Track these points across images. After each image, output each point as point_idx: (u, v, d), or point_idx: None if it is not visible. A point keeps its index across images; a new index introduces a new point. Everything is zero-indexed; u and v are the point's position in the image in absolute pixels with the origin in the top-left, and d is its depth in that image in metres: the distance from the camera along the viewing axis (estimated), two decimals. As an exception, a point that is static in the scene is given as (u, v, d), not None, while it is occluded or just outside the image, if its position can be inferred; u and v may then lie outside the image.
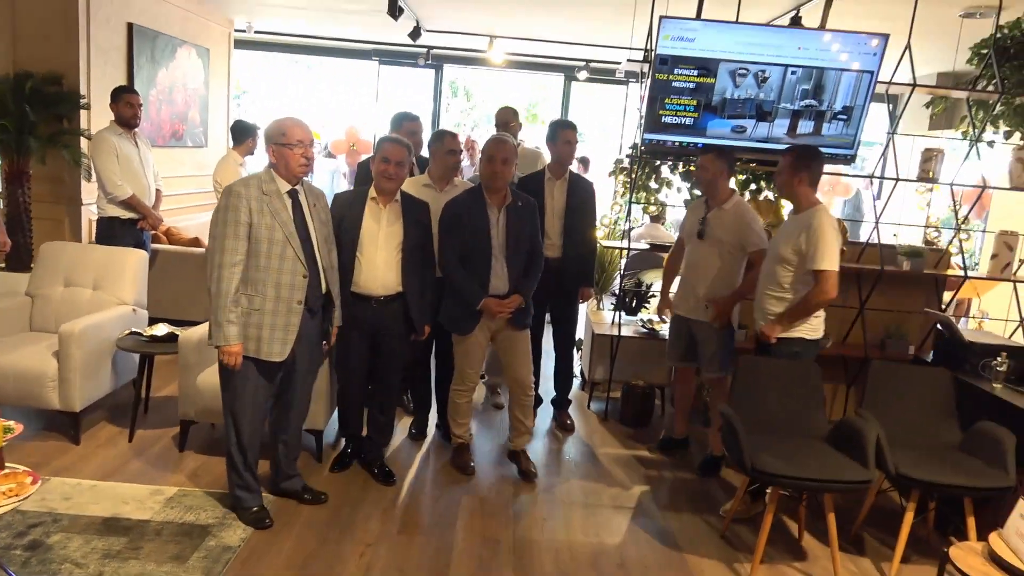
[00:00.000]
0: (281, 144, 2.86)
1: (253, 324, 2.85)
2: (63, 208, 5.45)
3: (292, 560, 2.82)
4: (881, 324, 4.59)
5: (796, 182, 3.29)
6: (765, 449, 2.97)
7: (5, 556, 2.64)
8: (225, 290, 2.79)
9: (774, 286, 3.34)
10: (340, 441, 3.80)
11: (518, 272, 3.49)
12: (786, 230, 3.36)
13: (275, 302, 2.86)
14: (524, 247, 3.50)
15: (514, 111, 4.69)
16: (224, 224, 2.79)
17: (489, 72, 10.62)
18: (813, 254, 3.16)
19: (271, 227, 2.83)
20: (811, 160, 3.29)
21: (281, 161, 2.87)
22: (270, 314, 2.86)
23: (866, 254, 4.54)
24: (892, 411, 3.32)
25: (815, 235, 3.16)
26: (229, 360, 2.84)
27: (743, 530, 3.34)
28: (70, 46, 5.27)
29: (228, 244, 2.79)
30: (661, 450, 4.18)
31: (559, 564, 2.96)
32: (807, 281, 3.24)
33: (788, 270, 3.28)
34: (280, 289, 2.86)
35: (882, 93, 4.42)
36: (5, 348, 3.65)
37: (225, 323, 2.79)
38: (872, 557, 3.22)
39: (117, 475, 3.36)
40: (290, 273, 2.87)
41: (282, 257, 2.85)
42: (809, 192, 3.31)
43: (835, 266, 3.17)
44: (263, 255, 2.83)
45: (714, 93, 4.08)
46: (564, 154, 4.07)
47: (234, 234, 2.79)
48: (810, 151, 3.37)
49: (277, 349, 2.89)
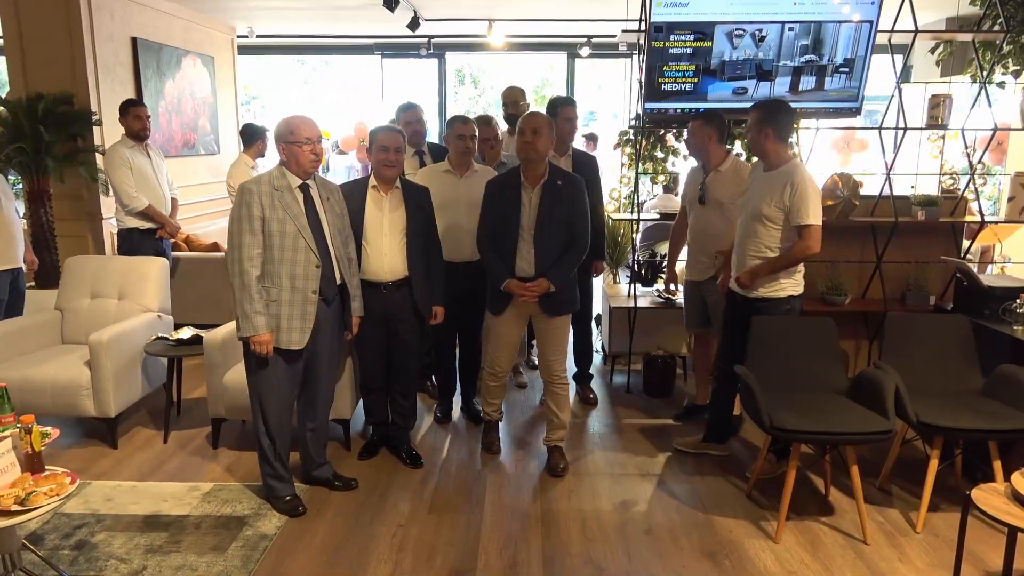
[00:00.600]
0: (290, 142, 2.94)
1: (272, 315, 2.95)
2: (84, 224, 5.59)
3: (327, 544, 2.91)
4: (900, 277, 4.55)
5: (763, 137, 3.23)
6: (784, 407, 2.99)
7: (54, 556, 2.76)
8: (248, 283, 2.89)
9: (756, 244, 3.30)
10: (367, 429, 3.89)
11: (551, 255, 3.34)
12: (762, 187, 3.29)
13: (291, 292, 2.95)
14: (560, 229, 3.33)
15: (521, 91, 4.67)
16: (239, 221, 2.91)
17: (494, 57, 10.63)
18: (798, 209, 3.13)
19: (283, 221, 2.92)
20: (776, 113, 3.22)
21: (292, 159, 2.96)
22: (287, 304, 2.95)
23: (879, 207, 4.50)
24: (911, 361, 3.31)
25: (798, 190, 3.13)
26: (260, 349, 2.93)
27: (769, 489, 3.36)
28: (77, 65, 5.39)
29: (245, 239, 2.90)
30: (685, 417, 4.20)
31: (587, 532, 3.01)
32: (791, 237, 3.23)
33: (771, 227, 3.24)
34: (295, 280, 2.95)
35: (886, 44, 4.36)
36: (40, 361, 3.78)
37: (252, 314, 2.90)
38: (900, 507, 3.22)
39: (155, 475, 3.48)
40: (303, 264, 2.96)
41: (294, 249, 2.94)
42: (779, 147, 3.25)
43: (819, 220, 3.15)
44: (276, 248, 2.92)
45: (712, 56, 4.06)
46: (564, 131, 4.01)
47: (249, 229, 2.90)
48: (775, 104, 3.29)
49: (296, 337, 2.98)
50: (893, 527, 3.07)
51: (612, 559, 2.83)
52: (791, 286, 3.33)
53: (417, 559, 2.82)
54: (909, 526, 3.07)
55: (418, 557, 2.83)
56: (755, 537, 2.98)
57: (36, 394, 3.63)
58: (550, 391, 3.57)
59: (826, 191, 4.36)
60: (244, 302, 2.90)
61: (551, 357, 3.52)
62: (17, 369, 3.68)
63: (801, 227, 3.15)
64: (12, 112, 5.13)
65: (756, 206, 3.29)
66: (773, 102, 3.35)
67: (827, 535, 3.00)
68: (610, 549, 2.89)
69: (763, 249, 3.29)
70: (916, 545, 2.93)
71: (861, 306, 4.49)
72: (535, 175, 3.33)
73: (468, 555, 2.84)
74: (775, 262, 3.25)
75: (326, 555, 2.83)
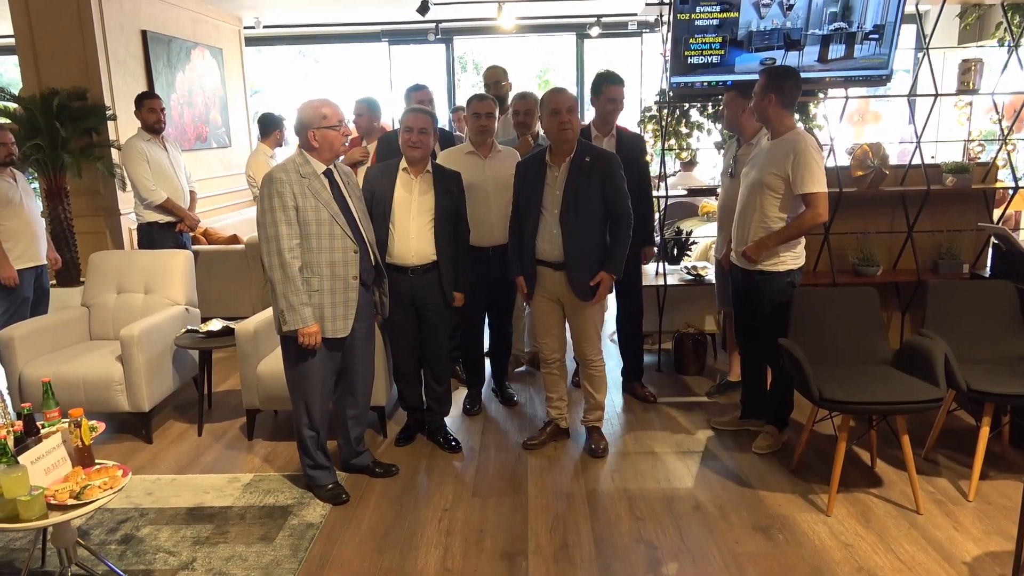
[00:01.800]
0: (324, 127, 2.87)
1: (315, 304, 2.89)
2: (103, 219, 5.55)
3: (374, 530, 2.88)
4: (932, 246, 4.49)
5: (766, 103, 3.15)
6: (831, 378, 2.94)
7: (102, 551, 2.73)
8: (292, 275, 2.82)
9: (759, 216, 3.22)
10: (403, 415, 3.86)
11: (582, 238, 3.20)
12: (765, 156, 3.22)
13: (332, 280, 2.90)
14: (590, 209, 3.19)
15: (503, 70, 4.55)
16: (273, 211, 2.81)
17: (498, 42, 10.51)
18: (803, 178, 3.05)
19: (316, 208, 2.86)
20: (781, 80, 3.14)
21: (326, 144, 2.89)
22: (328, 292, 2.90)
23: (909, 176, 4.43)
24: (956, 329, 3.26)
25: (801, 158, 3.05)
26: (309, 340, 2.86)
27: (813, 463, 3.32)
28: (90, 59, 5.33)
29: (283, 230, 2.81)
30: (719, 394, 4.16)
31: (634, 511, 2.98)
32: (792, 207, 3.16)
33: (775, 197, 3.16)
34: (335, 267, 2.90)
35: (909, 15, 4.28)
36: (70, 358, 3.75)
37: (299, 306, 2.83)
38: (948, 477, 3.18)
39: (193, 468, 3.46)
40: (341, 251, 2.91)
41: (331, 236, 2.88)
42: (784, 115, 3.17)
43: (824, 188, 3.08)
44: (313, 236, 2.86)
45: (739, 27, 3.98)
46: (608, 111, 3.77)
47: (286, 220, 2.82)
48: (781, 71, 3.21)
49: (341, 325, 2.95)
50: (944, 496, 3.03)
51: (664, 537, 2.79)
52: (791, 259, 3.26)
53: (467, 542, 2.79)
54: (960, 495, 3.03)
55: (467, 540, 2.80)
56: (806, 511, 2.95)
57: (70, 390, 3.60)
58: (585, 373, 3.52)
59: (856, 161, 4.29)
60: (289, 294, 2.82)
61: (584, 343, 3.43)
62: (48, 366, 3.66)
63: (807, 195, 3.08)
64: (27, 109, 5.08)
65: (758, 176, 3.21)
66: (779, 68, 3.28)
67: (878, 506, 2.97)
68: (660, 527, 2.86)
69: (765, 220, 3.21)
70: (970, 513, 2.90)
71: (893, 276, 4.43)
72: (562, 153, 3.25)
73: (518, 537, 2.81)
74: (783, 232, 3.17)
75: (375, 541, 2.81)
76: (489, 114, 3.74)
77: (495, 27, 8.60)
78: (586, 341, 3.43)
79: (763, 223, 3.22)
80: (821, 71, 4.10)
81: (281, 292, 2.83)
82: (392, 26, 9.13)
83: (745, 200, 3.31)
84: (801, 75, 3.70)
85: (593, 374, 3.49)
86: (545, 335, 3.51)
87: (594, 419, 3.56)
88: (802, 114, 4.63)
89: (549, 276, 3.35)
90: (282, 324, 2.87)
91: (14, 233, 4.18)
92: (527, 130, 4.07)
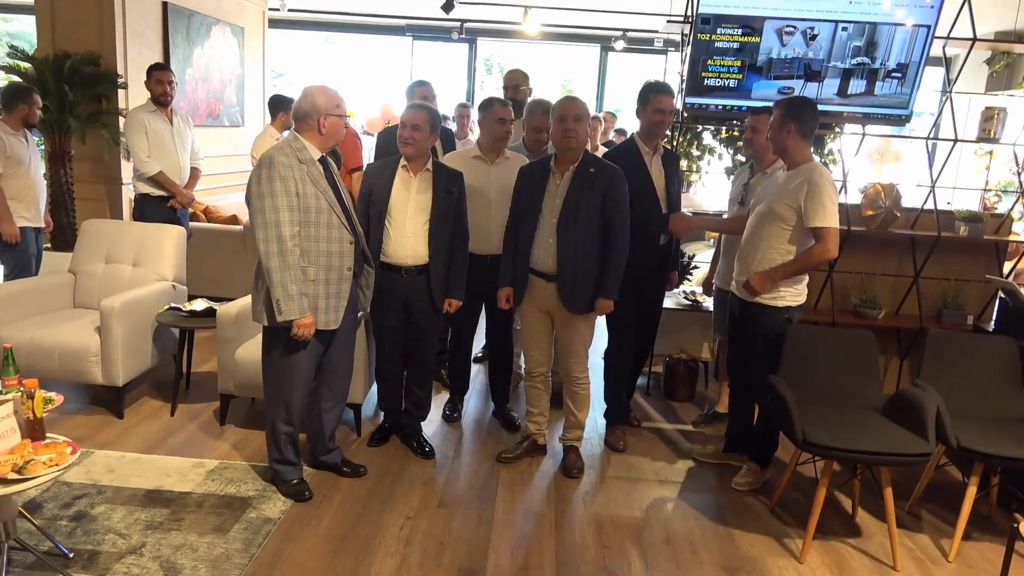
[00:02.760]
0: (334, 114, 2.81)
1: (309, 295, 2.79)
2: (103, 187, 5.51)
3: (332, 531, 2.80)
4: (937, 293, 4.39)
5: (785, 134, 3.05)
6: (817, 421, 2.85)
7: (52, 527, 2.66)
8: (292, 263, 2.70)
9: (765, 246, 3.12)
10: (379, 415, 3.78)
11: (577, 251, 3.11)
12: (777, 187, 3.13)
13: (327, 271, 2.82)
14: (588, 223, 3.10)
15: (524, 74, 4.44)
16: (274, 195, 2.68)
17: (523, 47, 10.45)
18: (815, 211, 2.95)
19: (315, 195, 2.77)
20: (800, 111, 3.04)
21: (333, 131, 2.83)
22: (323, 283, 2.82)
23: (920, 220, 4.33)
24: (952, 382, 3.16)
25: (815, 191, 2.95)
26: (304, 332, 2.76)
27: (793, 506, 3.22)
28: (106, 26, 5.29)
29: (284, 216, 2.69)
30: (706, 424, 4.06)
31: (602, 538, 2.88)
32: (800, 240, 3.06)
33: (784, 228, 3.06)
34: (331, 258, 2.82)
35: (936, 57, 4.19)
36: (50, 323, 3.70)
37: (298, 295, 2.72)
38: (930, 534, 3.07)
39: (160, 448, 3.39)
40: (337, 241, 2.83)
41: (328, 225, 2.80)
42: (801, 146, 3.07)
43: (837, 223, 2.98)
44: (312, 225, 2.77)
45: (759, 53, 3.90)
46: (654, 123, 3.48)
47: (288, 205, 2.69)
48: (800, 101, 3.12)
49: (333, 317, 2.88)
50: (923, 554, 2.92)
51: (629, 568, 2.70)
52: (792, 295, 3.15)
53: (425, 554, 2.70)
54: (941, 554, 2.92)
55: (426, 552, 2.71)
56: (778, 555, 2.85)
57: (44, 357, 3.55)
58: (569, 390, 3.42)
59: (867, 200, 4.20)
60: (288, 283, 2.70)
61: (569, 358, 3.33)
62: (27, 330, 3.60)
63: (818, 229, 2.97)
64: (38, 69, 5.04)
65: (769, 205, 3.11)
66: (798, 98, 3.20)
67: (854, 557, 2.86)
68: (626, 557, 2.77)
69: (772, 251, 3.10)
70: (948, 574, 2.79)
71: (895, 321, 4.34)
72: (566, 161, 3.18)
73: (478, 553, 2.73)
74: (789, 266, 3.06)
75: (331, 543, 2.73)
76: (512, 121, 3.64)
77: (520, 32, 8.55)
78: (572, 356, 3.34)
79: (769, 254, 3.11)
80: (840, 105, 4.02)
81: (279, 280, 2.69)
82: (417, 21, 9.09)
83: (753, 229, 3.21)
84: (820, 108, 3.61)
85: (577, 391, 3.40)
86: (533, 347, 3.42)
87: (572, 438, 3.47)
88: (817, 147, 4.54)
89: (541, 287, 3.26)
90: (276, 313, 2.73)
91: (20, 192, 4.25)
92: (541, 147, 3.85)
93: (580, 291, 3.17)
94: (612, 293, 3.19)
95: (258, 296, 2.85)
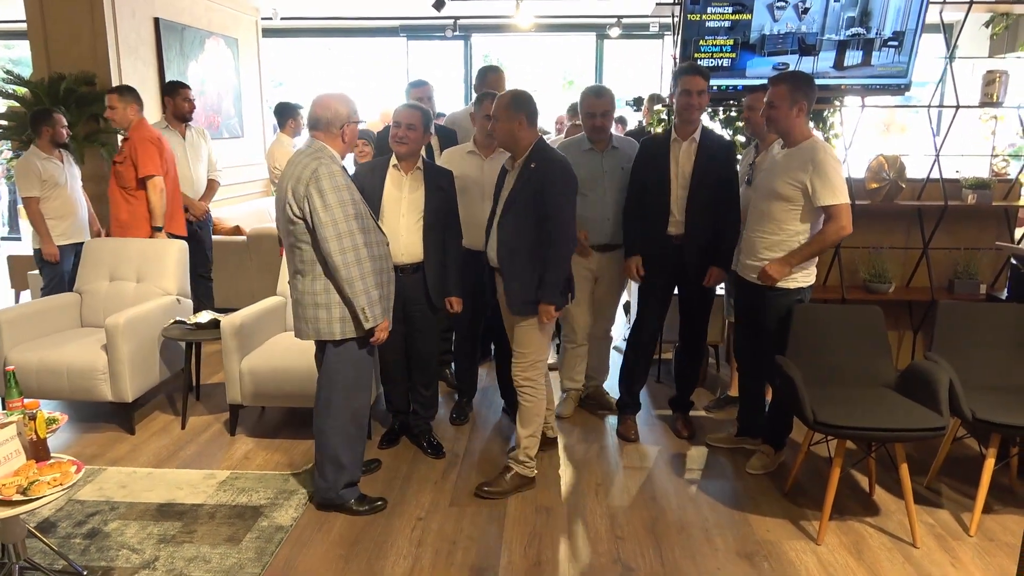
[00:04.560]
0: (355, 121, 2.81)
1: None
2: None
3: (344, 536, 2.79)
4: (948, 264, 4.32)
5: (796, 112, 2.96)
6: (828, 400, 2.80)
7: (65, 545, 2.68)
8: (370, 269, 2.70)
9: (770, 225, 3.06)
10: (387, 417, 3.77)
11: (509, 248, 3.00)
12: (780, 166, 3.05)
13: (378, 275, 2.79)
14: (524, 220, 2.95)
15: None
16: (343, 205, 2.63)
17: (518, 41, 10.39)
18: (824, 189, 2.89)
19: (361, 201, 2.78)
20: (808, 88, 2.98)
21: (352, 139, 2.84)
22: (375, 287, 2.77)
23: (927, 190, 4.26)
24: (965, 353, 3.10)
25: (821, 168, 2.88)
26: (384, 335, 2.80)
27: (809, 488, 3.18)
28: (99, 45, 5.31)
29: (354, 225, 2.66)
30: (718, 408, 4.02)
31: (615, 530, 2.86)
32: (810, 219, 3.00)
33: (788, 208, 3.00)
34: (381, 261, 2.83)
35: (934, 24, 4.10)
36: (57, 344, 3.72)
37: (379, 300, 2.75)
38: (951, 508, 3.02)
39: (171, 462, 3.40)
40: (377, 244, 2.82)
41: (371, 230, 2.80)
42: (804, 124, 3.00)
43: (847, 199, 2.92)
44: (363, 231, 2.74)
45: (751, 30, 3.84)
46: (681, 106, 3.30)
47: (354, 214, 2.67)
48: (806, 77, 3.04)
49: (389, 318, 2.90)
50: (944, 529, 2.87)
51: (642, 559, 2.67)
52: (803, 277, 3.10)
53: (437, 554, 2.69)
54: (961, 529, 2.87)
55: (438, 552, 2.70)
56: (795, 538, 2.81)
57: (54, 377, 3.58)
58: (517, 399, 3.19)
59: (871, 173, 4.13)
60: (371, 288, 2.69)
61: (514, 360, 3.13)
62: (36, 352, 3.63)
63: (829, 207, 2.91)
64: (34, 93, 5.07)
65: (772, 185, 3.05)
66: (801, 74, 3.10)
67: (873, 537, 2.82)
68: (640, 548, 2.74)
69: (782, 233, 3.04)
70: (969, 549, 2.74)
71: (905, 295, 4.27)
72: (516, 155, 3.03)
73: (490, 552, 2.71)
74: (805, 249, 3.00)
75: (343, 548, 2.72)
76: None
77: (513, 26, 8.50)
78: (515, 360, 3.13)
79: (780, 237, 3.05)
80: (837, 78, 3.96)
81: (362, 288, 2.67)
82: (410, 21, 9.07)
83: (756, 211, 3.15)
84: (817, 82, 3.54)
85: (520, 403, 3.12)
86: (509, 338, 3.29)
87: (511, 456, 3.18)
88: (818, 122, 4.47)
89: (498, 281, 3.20)
90: (363, 322, 2.70)
91: (58, 212, 4.53)
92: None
93: (514, 290, 3.01)
94: (549, 297, 2.94)
95: (321, 313, 2.73)
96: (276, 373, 3.51)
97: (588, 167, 3.52)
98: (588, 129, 3.56)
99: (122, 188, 4.35)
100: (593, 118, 3.49)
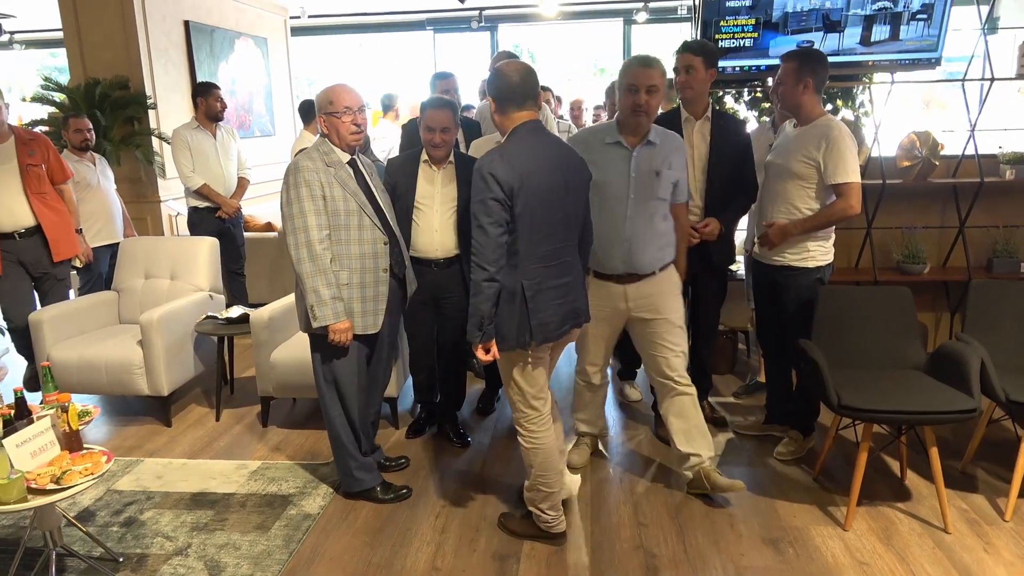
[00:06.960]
0: (330, 113, 2.72)
1: (344, 299, 2.76)
2: (145, 206, 5.69)
3: (370, 524, 2.84)
4: (986, 242, 4.18)
5: (801, 89, 2.92)
6: (853, 383, 2.75)
7: (103, 533, 2.78)
8: (323, 267, 2.68)
9: (784, 206, 3.03)
10: (415, 407, 3.81)
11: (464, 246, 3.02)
12: (792, 144, 3.01)
13: (362, 274, 2.78)
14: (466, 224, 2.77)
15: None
16: (300, 200, 2.66)
17: (545, 30, 10.34)
18: (836, 167, 2.85)
19: (344, 198, 2.74)
20: (816, 64, 2.92)
21: (332, 131, 2.75)
22: (358, 287, 2.77)
23: (963, 166, 4.13)
24: (999, 333, 3.02)
25: (835, 146, 2.84)
26: (341, 337, 2.73)
27: (839, 472, 3.13)
28: (131, 49, 5.45)
29: (311, 221, 2.67)
30: (747, 395, 3.98)
31: (639, 516, 2.85)
32: (822, 199, 2.96)
33: (804, 186, 2.97)
34: (364, 260, 2.78)
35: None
36: (96, 340, 3.85)
37: (330, 300, 2.68)
38: (986, 493, 2.94)
39: (205, 453, 3.50)
40: (371, 243, 2.79)
41: (360, 227, 2.77)
42: (815, 101, 2.96)
43: (859, 178, 2.87)
44: (342, 228, 2.74)
45: (774, 8, 3.76)
46: (681, 84, 3.13)
47: (314, 209, 2.67)
48: (814, 54, 2.98)
49: (371, 321, 2.82)
50: (978, 514, 2.80)
51: (665, 545, 2.66)
52: (820, 254, 3.05)
53: (460, 541, 2.72)
54: (996, 514, 2.80)
55: (461, 539, 2.73)
56: (822, 524, 2.77)
57: (93, 373, 3.71)
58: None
59: (902, 151, 4.02)
60: (320, 288, 2.67)
61: None
62: (75, 349, 3.76)
63: (840, 186, 2.87)
64: (71, 98, 5.24)
65: (784, 163, 3.01)
66: (810, 50, 3.05)
67: (903, 522, 2.76)
68: (663, 534, 2.73)
69: (792, 211, 3.01)
70: (1004, 535, 2.67)
71: (942, 275, 4.15)
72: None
73: (513, 539, 2.73)
74: (808, 221, 2.98)
75: (368, 535, 2.77)
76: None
77: (538, 14, 8.46)
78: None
79: (789, 214, 3.03)
80: (864, 54, 3.85)
81: (311, 286, 2.67)
82: (436, 14, 9.10)
83: (769, 190, 3.13)
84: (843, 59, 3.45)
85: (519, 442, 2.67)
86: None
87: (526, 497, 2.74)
88: (846, 100, 4.36)
89: None
90: (311, 320, 2.70)
91: (92, 213, 4.61)
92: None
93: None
94: (472, 320, 2.40)
95: (299, 305, 2.81)
96: (303, 365, 3.57)
97: (610, 166, 2.80)
98: (627, 109, 2.73)
99: None
100: (635, 93, 2.68)
